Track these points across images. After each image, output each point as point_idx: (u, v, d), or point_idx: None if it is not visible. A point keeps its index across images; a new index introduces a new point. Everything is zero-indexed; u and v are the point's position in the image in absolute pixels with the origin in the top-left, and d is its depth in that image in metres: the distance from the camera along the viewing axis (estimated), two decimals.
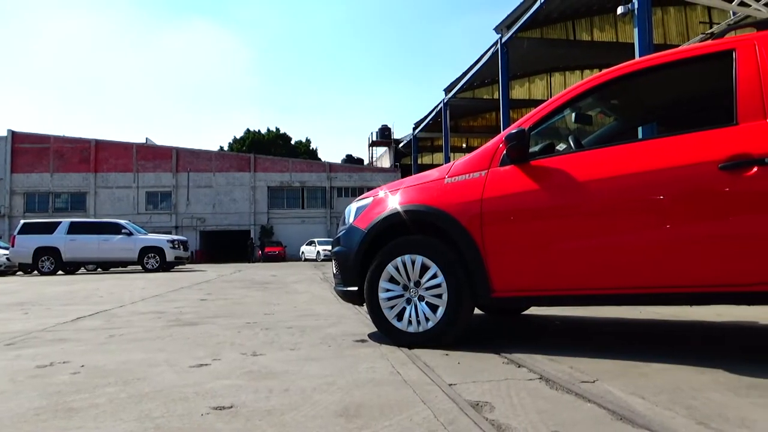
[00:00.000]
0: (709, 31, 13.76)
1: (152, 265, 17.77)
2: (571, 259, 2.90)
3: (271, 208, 43.64)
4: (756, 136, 2.57)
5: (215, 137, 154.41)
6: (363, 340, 3.55)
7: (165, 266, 17.89)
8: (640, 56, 9.99)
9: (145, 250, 17.88)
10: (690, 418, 1.87)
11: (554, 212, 2.97)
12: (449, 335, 3.16)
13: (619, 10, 11.10)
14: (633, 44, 11.15)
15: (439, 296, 3.17)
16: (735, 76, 2.74)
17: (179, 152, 42.96)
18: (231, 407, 2.11)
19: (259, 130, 60.74)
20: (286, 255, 38.26)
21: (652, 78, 3.44)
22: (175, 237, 19.69)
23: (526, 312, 4.71)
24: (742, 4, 6.87)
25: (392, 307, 3.30)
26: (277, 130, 61.65)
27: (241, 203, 43.13)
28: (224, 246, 42.39)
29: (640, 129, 6.85)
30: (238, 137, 60.35)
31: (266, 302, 6.46)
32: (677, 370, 2.53)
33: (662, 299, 2.87)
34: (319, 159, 55.55)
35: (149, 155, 42.68)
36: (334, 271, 3.79)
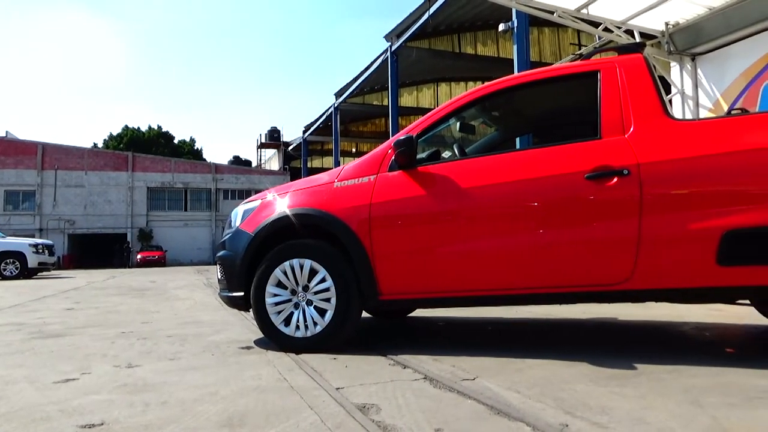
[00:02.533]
0: (579, 52, 15.01)
1: (11, 272, 15.99)
2: (454, 262, 3.03)
3: (150, 210, 41.12)
4: (616, 149, 2.84)
5: (89, 134, 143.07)
6: (249, 347, 3.45)
7: (26, 273, 16.21)
8: (518, 72, 10.67)
9: (3, 255, 16.08)
10: (558, 408, 2.01)
11: (439, 217, 3.08)
12: (337, 339, 3.17)
13: (501, 27, 11.81)
14: (512, 60, 11.89)
15: (328, 300, 3.16)
16: (599, 95, 3.02)
17: (46, 148, 39.22)
18: (101, 424, 1.95)
19: (138, 128, 57.15)
20: (166, 260, 36.26)
21: (529, 92, 3.69)
22: (39, 240, 17.92)
23: (412, 314, 4.84)
24: (606, 30, 7.57)
25: (280, 312, 3.24)
26: (159, 128, 58.41)
27: (116, 205, 40.22)
28: (97, 251, 39.23)
29: (517, 139, 7.31)
30: (115, 134, 56.36)
31: (144, 310, 6.07)
32: (548, 364, 2.71)
33: (536, 299, 3.09)
34: (204, 160, 53.35)
35: (10, 150, 38.53)
36: (219, 276, 3.65)
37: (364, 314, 4.01)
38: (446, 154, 3.57)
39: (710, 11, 7.12)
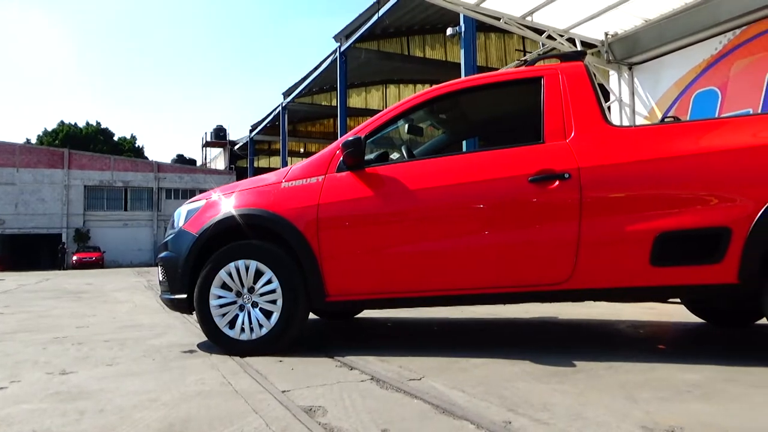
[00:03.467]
0: (523, 58, 15.42)
1: None
2: (402, 264, 3.05)
3: (88, 209, 39.40)
4: (558, 153, 2.93)
5: (21, 129, 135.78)
6: (192, 351, 3.36)
7: None
8: (465, 76, 10.87)
9: None
10: (502, 406, 2.06)
11: (386, 218, 3.10)
12: (283, 341, 3.13)
13: (449, 31, 12.00)
14: (460, 64, 12.09)
15: (274, 302, 3.12)
16: (542, 100, 3.11)
17: None
18: None
19: (75, 123, 54.63)
20: (104, 261, 34.86)
21: (475, 96, 3.77)
22: None
23: (360, 315, 4.84)
24: (549, 37, 7.81)
25: (224, 315, 3.17)
26: (98, 124, 56.03)
27: (51, 203, 38.32)
28: (30, 252, 37.24)
29: (464, 142, 7.43)
30: (50, 130, 53.69)
31: (79, 314, 5.81)
32: (492, 363, 2.77)
33: (482, 299, 3.14)
34: (146, 158, 51.57)
35: None
36: (161, 278, 3.54)
37: (312, 316, 3.98)
38: (394, 155, 3.60)
39: (646, 23, 7.47)
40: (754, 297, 2.73)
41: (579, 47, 7.76)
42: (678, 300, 4.28)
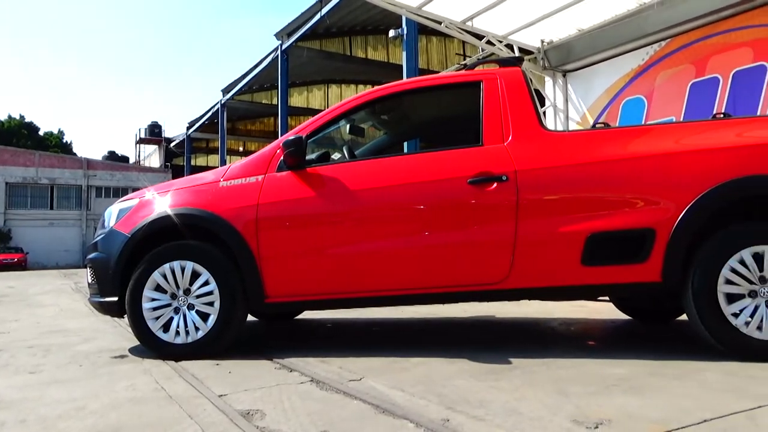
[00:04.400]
0: (463, 62, 15.75)
1: None
2: (342, 264, 3.04)
3: (9, 207, 37.06)
4: (496, 156, 3.00)
5: None
6: (123, 356, 3.23)
7: None
8: (407, 77, 10.98)
9: None
10: (440, 404, 2.09)
11: (327, 219, 3.08)
12: (220, 344, 3.05)
13: (391, 33, 12.09)
14: (402, 66, 12.19)
15: (211, 304, 3.04)
16: (481, 104, 3.18)
17: None
18: None
19: None
20: (27, 263, 32.92)
21: (417, 98, 3.81)
22: None
23: (300, 316, 4.79)
24: (488, 43, 8.01)
25: (158, 318, 3.06)
26: (22, 118, 52.84)
27: None
28: None
29: (405, 143, 7.50)
30: None
31: (0, 319, 5.47)
32: (432, 362, 2.81)
33: (422, 299, 3.18)
34: (75, 154, 49.09)
35: None
36: (89, 280, 3.38)
37: (250, 317, 3.91)
38: (336, 155, 3.58)
39: (580, 33, 7.78)
40: (675, 294, 2.90)
41: (517, 53, 8.00)
42: (607, 298, 4.48)
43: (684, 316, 3.01)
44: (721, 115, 3.44)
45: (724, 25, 6.36)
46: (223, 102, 29.63)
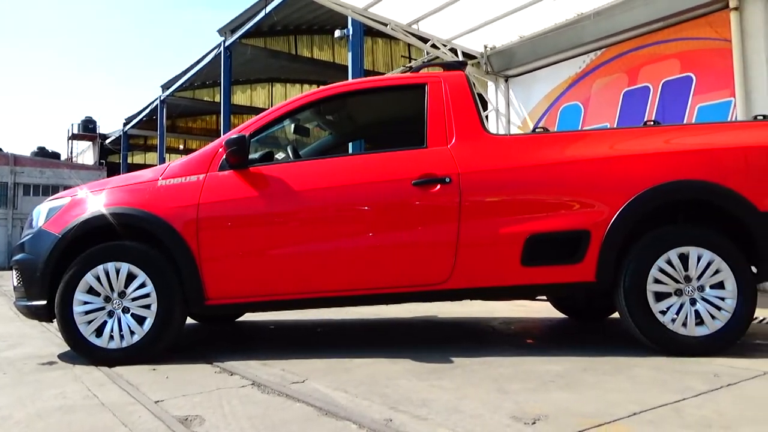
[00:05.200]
0: (408, 65, 15.87)
1: None
2: (285, 265, 3.00)
3: None
4: (440, 159, 3.04)
5: None
6: (52, 363, 3.07)
7: None
8: (352, 78, 10.97)
9: None
10: (383, 404, 2.10)
11: (270, 219, 3.04)
12: (157, 348, 2.95)
13: (336, 33, 12.03)
14: (347, 66, 12.17)
15: (148, 307, 2.94)
16: (426, 107, 3.22)
17: None
18: None
19: None
20: None
21: (362, 99, 3.82)
22: None
23: (241, 318, 4.70)
24: (433, 46, 8.11)
25: (90, 322, 2.93)
26: None
27: None
28: None
29: (350, 144, 7.50)
30: None
31: None
32: (375, 363, 2.81)
33: (366, 300, 3.18)
34: (0, 149, 46.31)
35: None
36: (15, 283, 3.20)
37: (190, 320, 3.81)
38: (280, 155, 3.54)
39: (521, 40, 8.00)
40: (608, 293, 3.02)
41: (461, 57, 8.13)
42: (545, 297, 4.62)
43: (616, 314, 3.14)
44: (652, 123, 3.62)
45: (655, 37, 6.70)
46: (162, 98, 28.69)
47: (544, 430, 1.80)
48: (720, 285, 2.82)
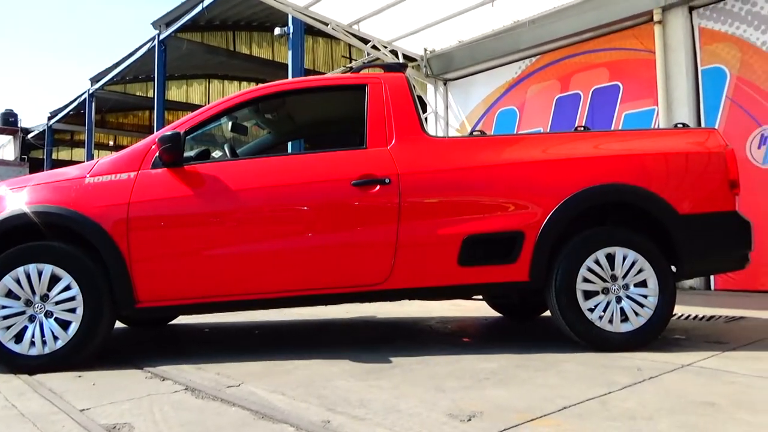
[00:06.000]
0: (349, 65, 15.86)
1: None
2: (221, 266, 2.93)
3: None
4: (380, 159, 3.06)
5: None
6: None
7: None
8: (292, 77, 10.85)
9: None
10: (321, 406, 2.08)
11: (205, 219, 2.96)
12: (83, 354, 2.81)
13: (277, 30, 11.86)
14: (287, 65, 12.02)
15: (73, 311, 2.79)
16: (366, 108, 3.22)
17: None
18: None
19: None
20: None
21: (302, 98, 3.78)
22: None
23: (174, 321, 4.55)
24: (374, 47, 8.15)
25: (9, 328, 2.75)
26: None
27: None
28: None
29: (289, 144, 7.41)
30: None
31: None
32: (313, 364, 2.79)
33: (304, 301, 3.15)
34: None
35: None
36: None
37: (119, 324, 3.65)
38: (216, 154, 3.46)
39: (460, 44, 8.17)
40: (540, 292, 3.13)
41: (401, 59, 8.21)
42: (481, 297, 4.73)
43: (548, 313, 3.26)
44: (582, 128, 3.77)
45: (586, 47, 7.01)
46: (91, 92, 27.36)
47: (479, 426, 1.84)
48: (643, 283, 2.98)
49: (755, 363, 2.64)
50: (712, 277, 5.91)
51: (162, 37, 20.48)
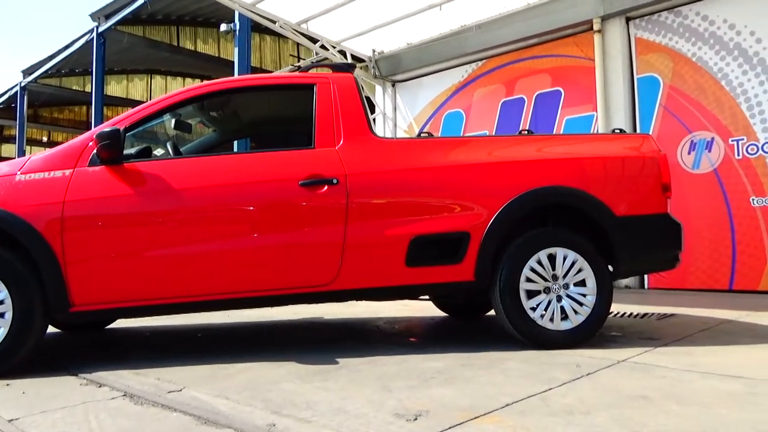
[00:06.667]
0: (297, 64, 15.72)
1: None
2: (161, 268, 2.85)
3: None
4: (327, 159, 3.04)
5: None
6: None
7: None
8: (239, 75, 10.66)
9: None
10: (266, 409, 2.05)
11: (145, 219, 2.86)
12: (13, 361, 2.66)
13: (222, 27, 11.62)
14: (233, 62, 11.80)
15: (1, 315, 2.64)
16: (314, 108, 3.20)
17: None
18: None
19: None
20: None
21: (249, 97, 3.72)
22: None
23: (112, 325, 4.38)
24: (323, 47, 8.10)
25: None
26: None
27: None
28: None
29: (235, 143, 7.27)
30: None
31: None
32: (259, 367, 2.75)
33: (249, 303, 3.09)
34: None
35: None
36: None
37: (52, 329, 3.48)
38: (159, 152, 3.35)
39: (408, 46, 8.23)
40: (485, 292, 3.19)
41: (350, 60, 8.20)
42: (427, 297, 4.78)
43: (492, 312, 3.33)
44: (526, 132, 3.87)
45: (530, 53, 7.21)
46: (23, 84, 25.97)
47: (425, 425, 1.86)
48: (582, 283, 3.09)
49: (685, 358, 2.78)
50: (645, 276, 6.19)
51: (101, 29, 19.68)
